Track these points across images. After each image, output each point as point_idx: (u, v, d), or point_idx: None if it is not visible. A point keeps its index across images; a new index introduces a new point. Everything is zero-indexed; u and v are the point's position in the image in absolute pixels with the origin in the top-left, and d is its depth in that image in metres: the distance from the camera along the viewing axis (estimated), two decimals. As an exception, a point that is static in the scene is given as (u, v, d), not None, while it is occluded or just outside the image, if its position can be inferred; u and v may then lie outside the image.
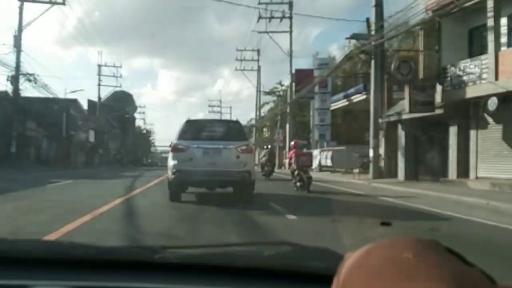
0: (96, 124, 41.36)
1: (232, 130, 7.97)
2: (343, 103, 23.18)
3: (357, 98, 20.90)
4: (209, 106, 64.94)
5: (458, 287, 0.36)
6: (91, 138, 36.07)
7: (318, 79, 22.92)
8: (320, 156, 22.36)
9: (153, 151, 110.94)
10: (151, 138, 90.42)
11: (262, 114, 42.79)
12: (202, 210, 6.88)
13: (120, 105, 66.27)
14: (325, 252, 1.01)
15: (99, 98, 42.42)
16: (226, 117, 55.75)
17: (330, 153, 21.20)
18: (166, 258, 0.92)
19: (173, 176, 7.36)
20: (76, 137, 31.40)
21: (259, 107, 42.86)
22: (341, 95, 23.42)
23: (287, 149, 29.61)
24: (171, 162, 7.58)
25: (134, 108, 71.63)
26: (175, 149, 7.57)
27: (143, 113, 71.32)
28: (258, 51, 41.91)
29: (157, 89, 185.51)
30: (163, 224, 5.47)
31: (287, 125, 30.33)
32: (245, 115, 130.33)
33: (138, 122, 77.88)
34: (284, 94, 33.11)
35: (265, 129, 41.23)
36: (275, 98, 35.31)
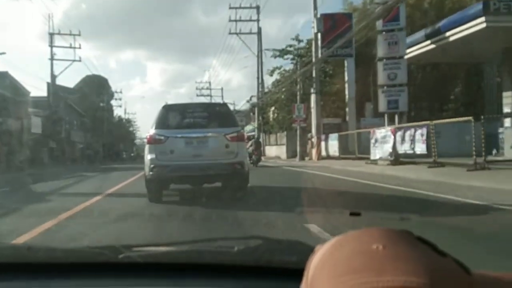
0: (50, 110, 31.17)
1: (219, 115, 6.75)
2: (423, 47, 13.52)
3: (461, 32, 11.25)
4: (197, 89, 54.54)
5: (428, 279, 0.35)
6: (36, 128, 25.93)
7: (382, 8, 13.11)
8: (396, 138, 12.72)
9: (139, 143, 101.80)
10: (132, 129, 79.96)
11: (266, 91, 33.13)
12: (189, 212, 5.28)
13: (93, 91, 56.51)
14: (296, 245, 1.03)
15: (53, 76, 32.11)
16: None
17: (422, 130, 11.45)
18: (131, 258, 0.91)
19: (151, 173, 6.24)
20: (4, 125, 21.29)
21: (261, 81, 33.14)
22: (419, 34, 13.68)
23: (313, 130, 19.98)
24: (148, 156, 6.41)
25: (111, 94, 61.37)
26: (152, 140, 6.41)
27: (120, 99, 60.74)
28: (258, 8, 32.18)
29: (145, 81, 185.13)
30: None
31: (312, 98, 20.60)
32: (239, 100, 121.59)
33: (119, 112, 67.47)
34: (304, 53, 23.19)
35: (272, 109, 31.51)
36: (289, 61, 25.45)
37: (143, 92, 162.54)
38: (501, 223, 4.74)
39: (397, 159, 12.96)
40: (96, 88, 56.83)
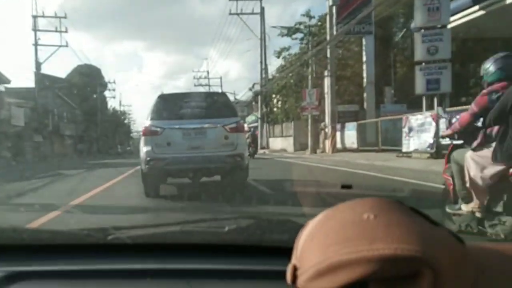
0: (35, 101, 28.60)
1: (218, 105, 6.53)
2: (468, 14, 11.02)
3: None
4: (195, 78, 51.75)
5: (421, 246, 0.35)
6: (17, 120, 23.40)
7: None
8: (440, 126, 10.26)
9: (136, 136, 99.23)
10: (127, 121, 77.35)
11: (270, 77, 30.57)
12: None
13: (86, 82, 54.02)
14: (287, 223, 1.02)
15: (37, 63, 29.46)
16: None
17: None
18: (120, 239, 0.90)
19: (147, 166, 5.96)
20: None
21: (264, 66, 30.57)
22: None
23: (326, 119, 17.55)
24: (143, 149, 6.10)
25: (104, 85, 58.71)
26: (147, 132, 6.11)
27: (113, 90, 58.00)
28: (260, -14, 29.55)
29: (142, 73, 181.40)
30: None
31: (326, 82, 18.13)
32: (239, 91, 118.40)
33: (113, 104, 64.94)
34: (317, 31, 20.61)
35: (277, 97, 29.02)
36: (298, 41, 22.84)
37: (141, 84, 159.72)
38: None
39: (439, 151, 10.53)
40: (89, 79, 54.27)
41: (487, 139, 2.94)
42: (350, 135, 17.44)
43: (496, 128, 2.85)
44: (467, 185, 2.96)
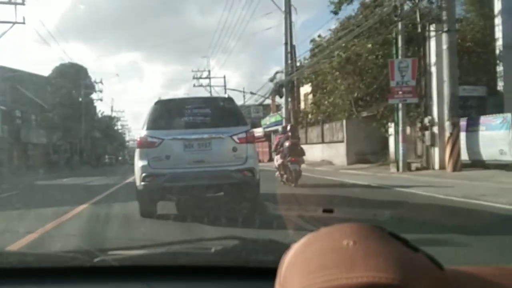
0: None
1: (224, 112, 5.69)
2: None
3: None
4: (194, 78, 43.52)
5: (398, 275, 0.35)
6: None
7: None
8: None
9: (132, 145, 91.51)
10: (120, 128, 69.07)
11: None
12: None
13: (69, 83, 46.25)
14: (272, 244, 1.03)
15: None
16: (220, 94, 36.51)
17: None
18: (106, 261, 0.89)
19: (142, 183, 5.25)
20: None
21: (290, 48, 22.57)
22: None
23: (435, 111, 9.26)
24: (138, 163, 5.35)
25: (91, 87, 50.73)
26: (143, 143, 5.38)
27: (100, 91, 49.94)
28: None
29: (142, 83, 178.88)
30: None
31: (433, 46, 9.88)
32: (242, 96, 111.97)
33: (104, 109, 56.94)
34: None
35: (306, 88, 20.91)
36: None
37: (141, 95, 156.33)
38: None
39: None
40: (73, 79, 46.39)
41: None
42: (495, 137, 9.28)
43: None
44: None
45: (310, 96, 23.40)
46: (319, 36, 22.42)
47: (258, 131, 31.53)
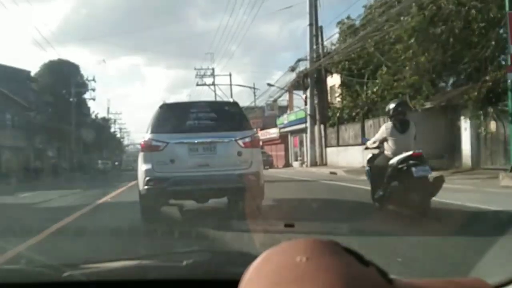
0: None
1: (229, 116, 5.73)
2: None
3: None
4: (197, 75, 39.18)
5: None
6: None
7: None
8: None
9: (132, 150, 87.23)
10: (117, 132, 64.73)
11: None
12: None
13: (60, 81, 42.40)
14: (243, 256, 1.05)
15: None
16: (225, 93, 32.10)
17: None
18: (74, 276, 0.88)
19: (146, 187, 5.16)
20: None
21: (315, 30, 18.41)
22: None
23: None
24: (142, 167, 5.29)
25: (83, 85, 46.59)
26: (147, 147, 5.35)
27: (92, 90, 45.77)
28: None
29: (144, 87, 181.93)
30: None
31: None
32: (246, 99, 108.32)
33: (99, 110, 52.83)
34: None
35: (335, 77, 16.65)
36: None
37: (143, 99, 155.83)
38: None
39: None
40: (62, 76, 42.34)
41: None
42: None
43: None
44: None
45: (335, 89, 19.18)
46: (348, 17, 18.24)
47: (272, 132, 27.21)
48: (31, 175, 24.26)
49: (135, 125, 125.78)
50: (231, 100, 6.99)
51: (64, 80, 41.69)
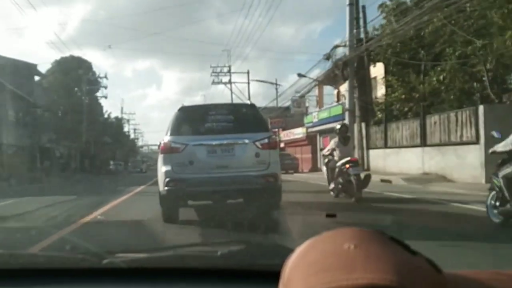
0: None
1: (247, 118, 5.79)
2: None
3: None
4: (213, 72, 36.72)
5: (397, 277, 0.36)
6: None
7: None
8: None
9: (146, 151, 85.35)
10: (131, 133, 62.72)
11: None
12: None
13: (71, 78, 40.91)
14: (277, 248, 1.10)
15: None
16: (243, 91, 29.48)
17: None
18: (114, 263, 0.91)
19: (166, 188, 5.26)
20: None
21: (356, 9, 15.62)
22: None
23: None
24: (162, 169, 5.40)
25: (95, 82, 44.76)
26: (166, 149, 5.44)
27: (105, 87, 43.81)
28: None
29: (160, 89, 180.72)
30: None
31: None
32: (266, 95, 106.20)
33: (112, 111, 51.43)
34: None
35: (378, 67, 13.78)
36: None
37: (159, 101, 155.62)
38: None
39: None
40: (74, 74, 40.53)
41: None
42: None
43: None
44: None
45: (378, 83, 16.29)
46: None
47: (297, 132, 24.39)
48: (33, 176, 22.10)
49: (149, 126, 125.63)
50: (248, 102, 7.25)
51: (75, 77, 39.91)
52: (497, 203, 4.72)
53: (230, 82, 35.69)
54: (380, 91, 16.68)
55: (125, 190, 12.03)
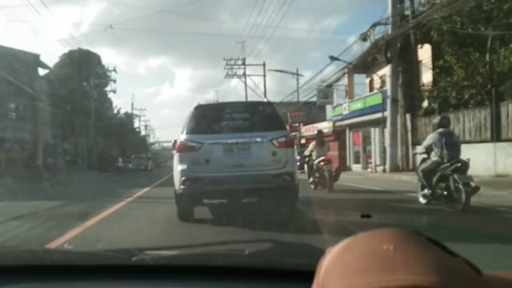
0: None
1: (263, 116, 5.77)
2: None
3: None
4: (227, 65, 34.48)
5: (439, 278, 0.36)
6: None
7: None
8: None
9: (158, 148, 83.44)
10: (142, 129, 60.75)
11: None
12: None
13: (79, 72, 39.14)
14: (306, 247, 1.08)
15: None
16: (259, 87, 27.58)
17: None
18: (144, 260, 0.92)
19: (182, 186, 5.26)
20: None
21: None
22: None
23: None
24: (178, 167, 5.38)
25: (103, 76, 42.95)
26: (182, 148, 5.40)
27: (114, 81, 41.93)
28: None
29: (173, 87, 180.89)
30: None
31: None
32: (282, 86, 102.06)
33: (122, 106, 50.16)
34: None
35: (425, 48, 11.23)
36: None
37: (171, 99, 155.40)
38: None
39: None
40: (83, 67, 38.79)
41: None
42: None
43: None
44: None
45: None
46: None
47: (323, 127, 21.99)
48: (33, 174, 20.18)
49: (160, 123, 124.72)
50: (265, 100, 7.50)
51: (84, 70, 38.14)
52: (420, 190, 6.50)
53: (244, 74, 33.53)
54: (426, 77, 14.19)
55: (127, 193, 10.17)
